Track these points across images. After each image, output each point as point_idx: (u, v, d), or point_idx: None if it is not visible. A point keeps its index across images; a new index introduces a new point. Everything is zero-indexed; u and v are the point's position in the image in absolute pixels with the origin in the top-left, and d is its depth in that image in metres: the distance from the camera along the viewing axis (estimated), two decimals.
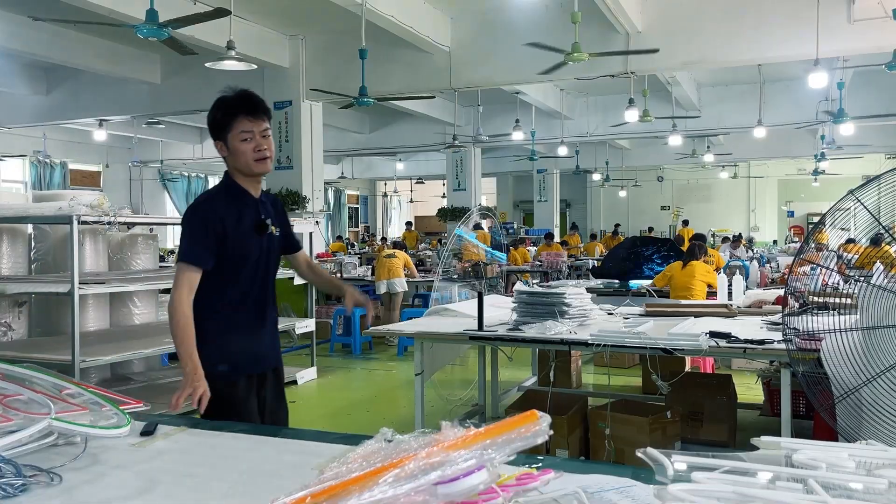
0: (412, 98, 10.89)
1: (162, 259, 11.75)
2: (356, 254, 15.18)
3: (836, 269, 2.72)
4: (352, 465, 1.13)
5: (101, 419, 1.61)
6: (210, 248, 2.36)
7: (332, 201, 23.74)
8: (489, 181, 23.45)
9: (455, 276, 8.12)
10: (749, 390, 5.83)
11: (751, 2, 8.39)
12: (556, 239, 16.47)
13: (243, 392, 2.41)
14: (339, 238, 20.22)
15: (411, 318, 6.56)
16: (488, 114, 13.94)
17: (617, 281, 8.25)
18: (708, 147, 17.45)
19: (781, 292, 3.91)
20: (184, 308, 2.29)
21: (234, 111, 2.36)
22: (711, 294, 6.26)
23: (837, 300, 2.63)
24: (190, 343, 2.27)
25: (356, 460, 1.14)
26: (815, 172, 18.40)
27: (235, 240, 2.39)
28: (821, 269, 2.73)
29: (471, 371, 6.29)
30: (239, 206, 2.44)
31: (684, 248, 8.22)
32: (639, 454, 1.29)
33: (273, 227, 2.51)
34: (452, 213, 16.57)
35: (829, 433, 2.79)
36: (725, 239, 15.21)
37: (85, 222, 5.04)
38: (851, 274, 2.72)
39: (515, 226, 21.77)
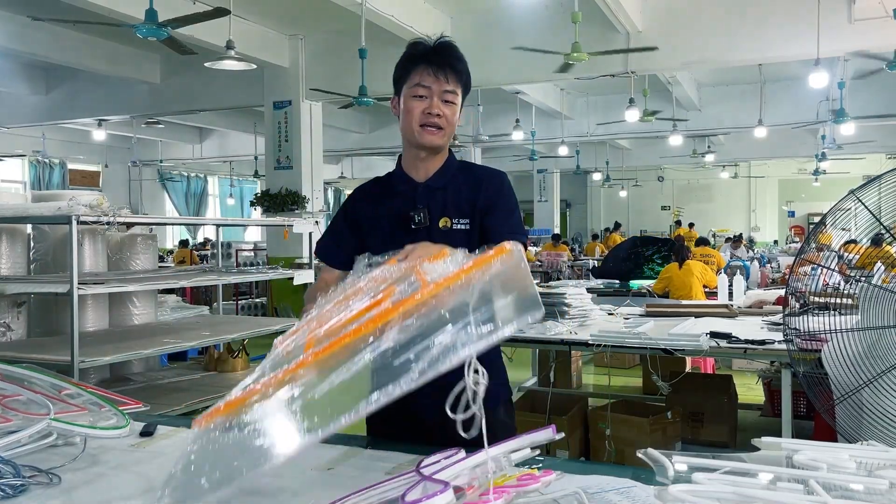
0: None
1: (161, 259, 11.77)
2: None
3: (836, 269, 2.72)
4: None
5: (101, 420, 1.61)
6: (340, 241, 1.90)
7: (331, 201, 23.76)
8: None
9: None
10: (749, 391, 5.83)
11: (751, 2, 8.38)
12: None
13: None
14: None
15: None
16: (488, 114, 13.94)
17: (617, 281, 8.26)
18: (708, 147, 17.46)
19: (782, 292, 3.91)
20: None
21: (414, 58, 1.82)
22: (712, 294, 6.27)
23: (838, 300, 2.63)
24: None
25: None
26: (816, 172, 18.41)
27: (373, 237, 1.84)
28: (821, 270, 2.73)
29: None
30: (385, 193, 1.90)
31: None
32: (639, 455, 1.29)
33: (448, 220, 1.82)
34: None
35: (829, 434, 2.78)
36: (727, 239, 15.23)
37: (84, 222, 5.02)
38: (852, 274, 2.72)
39: None
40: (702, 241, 10.75)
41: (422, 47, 1.82)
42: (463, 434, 1.06)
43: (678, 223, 21.12)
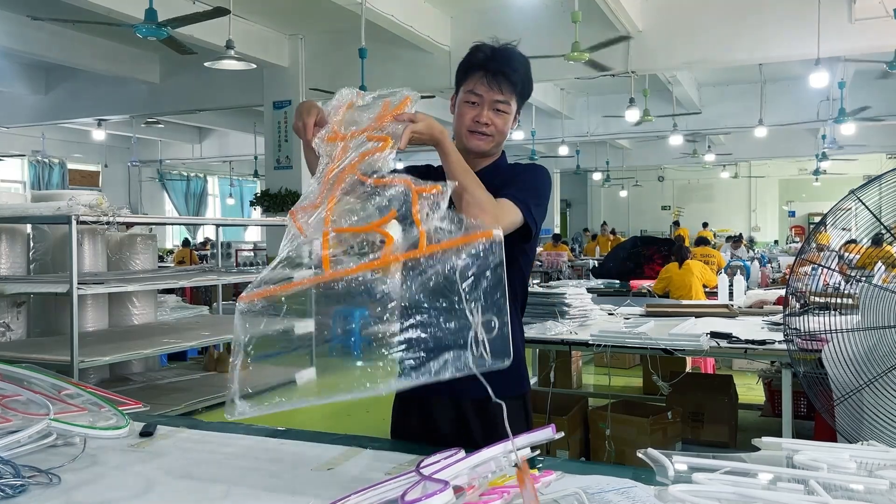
0: None
1: (161, 259, 11.76)
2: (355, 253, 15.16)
3: (837, 269, 2.72)
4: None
5: (100, 420, 1.61)
6: None
7: None
8: None
9: None
10: (750, 391, 5.82)
11: (751, 1, 8.38)
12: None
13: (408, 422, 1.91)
14: None
15: None
16: None
17: (617, 281, 8.26)
18: (709, 147, 17.45)
19: (782, 292, 3.91)
20: None
21: (472, 65, 1.84)
22: (712, 294, 6.27)
23: (839, 300, 2.62)
24: None
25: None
26: (817, 172, 18.40)
27: None
28: (822, 270, 2.73)
29: None
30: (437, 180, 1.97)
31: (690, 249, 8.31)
32: (639, 455, 1.29)
33: None
34: None
35: (830, 434, 2.78)
36: (728, 239, 15.23)
37: (84, 222, 5.01)
38: (853, 274, 2.71)
39: None
40: (702, 241, 10.76)
41: (480, 54, 1.84)
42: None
43: (677, 223, 21.08)
